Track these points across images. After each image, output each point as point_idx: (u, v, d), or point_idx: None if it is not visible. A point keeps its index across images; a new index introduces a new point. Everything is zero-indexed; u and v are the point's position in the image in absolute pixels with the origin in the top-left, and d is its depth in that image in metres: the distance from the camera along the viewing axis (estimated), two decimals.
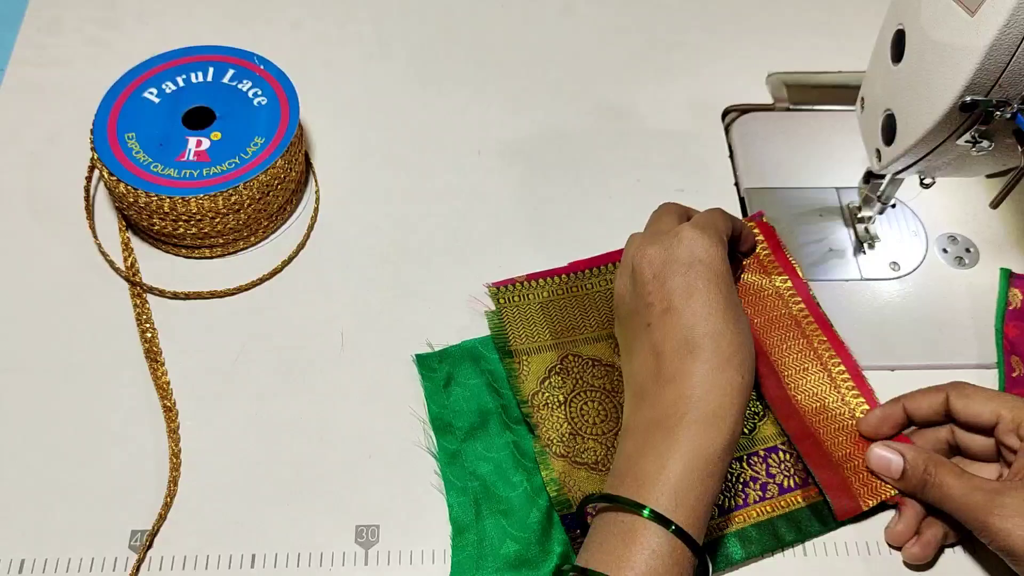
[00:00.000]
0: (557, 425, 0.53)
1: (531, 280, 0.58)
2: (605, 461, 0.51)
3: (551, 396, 0.53)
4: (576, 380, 0.54)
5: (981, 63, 0.42)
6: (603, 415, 0.53)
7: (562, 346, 0.55)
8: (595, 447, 0.52)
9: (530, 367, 0.55)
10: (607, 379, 0.54)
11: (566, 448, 0.52)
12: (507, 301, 0.57)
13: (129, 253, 0.59)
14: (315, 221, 0.61)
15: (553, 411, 0.53)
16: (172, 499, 0.50)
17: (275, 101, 0.59)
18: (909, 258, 0.60)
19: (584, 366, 0.55)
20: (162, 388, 0.53)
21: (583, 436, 0.52)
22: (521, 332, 0.56)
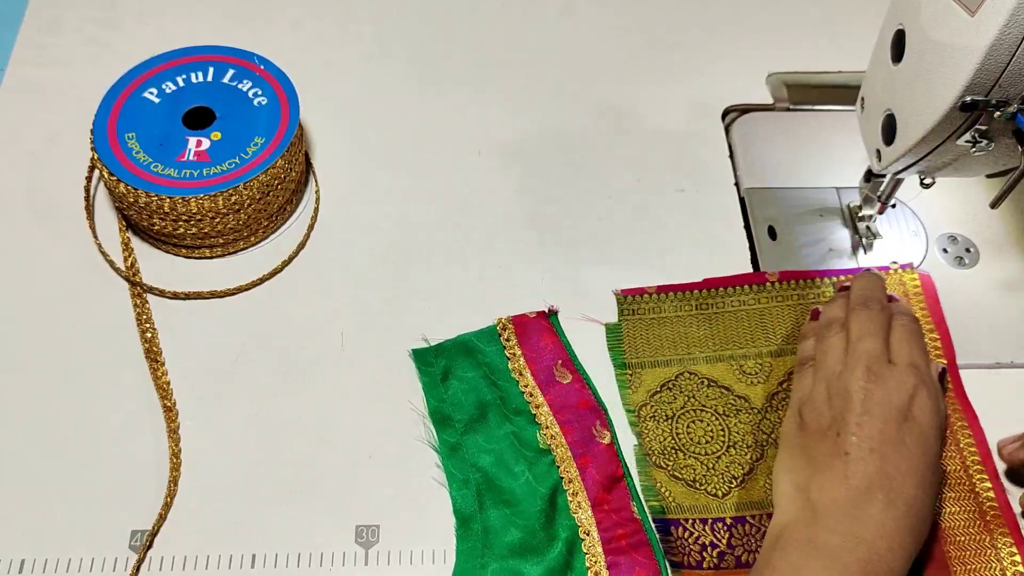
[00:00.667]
0: (661, 437, 0.53)
1: (661, 292, 0.58)
2: (703, 480, 0.51)
3: (659, 410, 0.54)
4: (688, 398, 0.54)
5: (981, 63, 0.42)
6: (709, 436, 0.52)
7: (680, 362, 0.55)
8: (695, 465, 0.52)
9: (642, 380, 0.55)
10: (720, 401, 0.54)
11: (666, 461, 0.52)
12: (632, 312, 0.57)
13: (129, 253, 0.58)
14: (315, 221, 0.61)
15: (659, 424, 0.53)
16: (172, 499, 0.50)
17: (275, 101, 0.59)
18: (909, 258, 0.60)
19: (698, 385, 0.54)
20: (162, 388, 0.53)
21: (685, 453, 0.52)
22: (640, 344, 0.56)
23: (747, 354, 0.55)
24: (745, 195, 0.63)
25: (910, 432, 0.44)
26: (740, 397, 0.54)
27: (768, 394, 0.54)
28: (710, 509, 0.50)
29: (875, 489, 0.43)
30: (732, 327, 0.56)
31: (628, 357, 0.55)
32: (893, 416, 0.45)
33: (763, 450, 0.52)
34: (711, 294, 0.57)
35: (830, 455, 0.45)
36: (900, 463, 0.44)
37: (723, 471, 0.51)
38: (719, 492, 0.51)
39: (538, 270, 0.59)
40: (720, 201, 0.63)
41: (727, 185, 0.64)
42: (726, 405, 0.53)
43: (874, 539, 0.42)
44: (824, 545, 0.42)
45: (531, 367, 0.54)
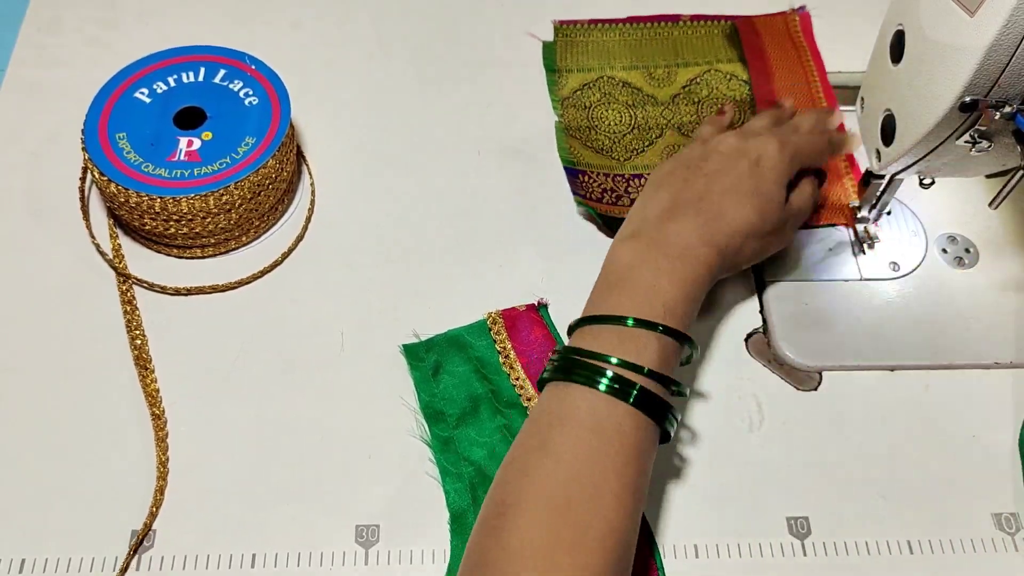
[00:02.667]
0: (578, 119, 0.65)
1: (592, 24, 0.70)
2: (609, 150, 0.63)
3: (579, 101, 0.66)
4: (604, 93, 0.66)
5: (980, 63, 0.41)
6: (618, 120, 0.64)
7: (600, 69, 0.68)
8: (604, 139, 0.64)
9: (568, 81, 0.67)
10: (630, 96, 0.66)
11: (580, 134, 0.64)
12: (565, 36, 0.70)
13: (118, 253, 0.58)
14: (310, 221, 0.61)
15: (578, 111, 0.65)
16: (158, 508, 0.49)
17: (266, 101, 0.58)
18: (909, 258, 0.60)
19: (614, 85, 0.67)
20: (151, 396, 0.52)
21: (597, 131, 0.64)
22: (570, 56, 0.68)
23: (657, 64, 0.68)
24: None
25: (750, 172, 0.51)
26: (648, 95, 0.66)
27: (671, 94, 0.67)
28: (613, 168, 0.62)
29: (698, 199, 0.50)
30: (647, 47, 0.69)
31: (558, 64, 0.68)
32: (739, 159, 0.52)
33: (662, 131, 0.64)
34: (633, 26, 0.70)
35: (672, 180, 0.52)
36: (724, 185, 0.51)
37: (627, 144, 0.64)
38: (621, 158, 0.63)
39: (537, 270, 0.59)
40: None
41: None
42: (634, 99, 0.66)
43: (687, 236, 0.48)
44: (650, 241, 0.49)
45: (522, 360, 0.54)
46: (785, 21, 0.71)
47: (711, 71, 0.68)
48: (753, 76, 0.67)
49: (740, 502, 0.51)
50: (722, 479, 0.52)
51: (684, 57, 0.69)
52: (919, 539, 0.50)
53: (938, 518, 0.50)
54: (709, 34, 0.70)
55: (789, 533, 0.50)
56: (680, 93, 0.67)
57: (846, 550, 0.49)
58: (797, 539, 0.50)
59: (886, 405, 0.54)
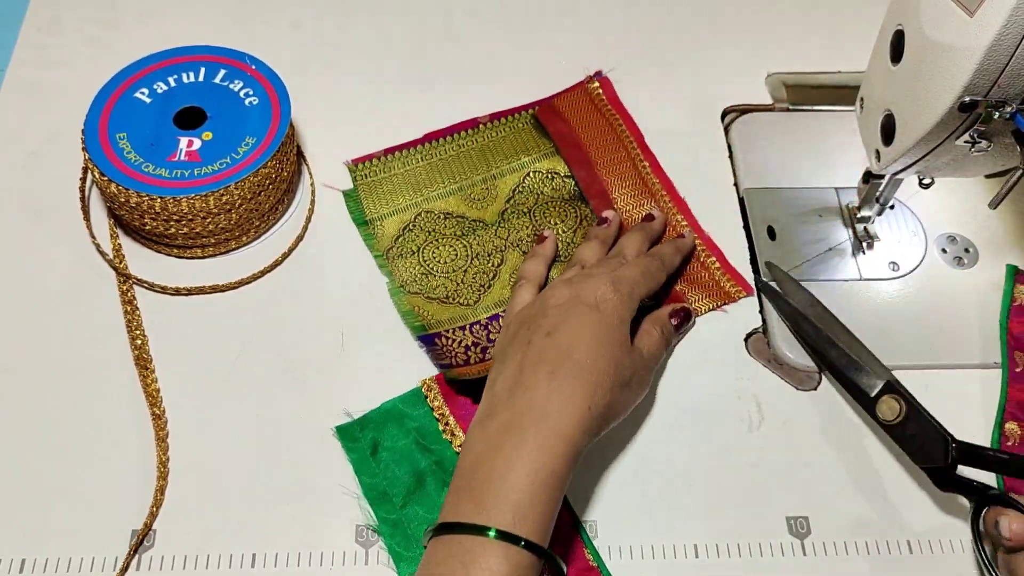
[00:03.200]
0: (410, 268, 0.58)
1: (388, 153, 0.63)
2: (455, 295, 0.56)
3: (405, 247, 0.59)
4: (428, 232, 0.59)
5: (980, 63, 0.41)
6: (453, 256, 0.58)
7: (416, 205, 0.61)
8: (445, 283, 0.57)
9: (384, 229, 0.60)
10: (458, 227, 0.60)
11: (419, 287, 0.57)
12: (364, 177, 0.62)
13: (118, 253, 0.58)
14: (310, 221, 0.61)
15: (407, 259, 0.58)
16: (158, 508, 0.49)
17: (266, 101, 0.58)
18: (908, 258, 0.60)
19: (436, 219, 0.60)
20: (151, 396, 0.52)
21: (434, 275, 0.57)
22: (378, 201, 0.61)
23: (473, 183, 0.62)
24: (744, 195, 0.63)
25: (591, 320, 0.47)
26: (474, 220, 0.60)
27: (498, 212, 0.61)
28: (466, 317, 0.55)
29: (545, 362, 0.46)
30: (455, 165, 0.62)
31: (368, 215, 0.60)
32: (576, 306, 0.48)
33: (502, 255, 0.58)
34: (433, 144, 0.63)
35: (514, 350, 0.48)
36: (574, 337, 0.46)
37: (471, 282, 0.57)
38: (470, 301, 0.56)
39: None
40: (719, 201, 0.62)
41: (726, 185, 0.63)
42: (463, 228, 0.60)
43: (541, 403, 0.44)
44: (497, 423, 0.44)
45: (462, 425, 0.52)
46: (587, 92, 0.66)
47: (529, 175, 0.62)
48: (573, 169, 0.61)
49: (740, 502, 0.51)
50: (722, 479, 0.52)
51: (496, 166, 0.62)
52: (918, 539, 0.50)
53: (937, 518, 0.50)
54: (513, 131, 0.64)
55: (789, 533, 0.50)
56: (506, 208, 0.61)
57: (846, 550, 0.49)
58: (797, 539, 0.50)
59: None
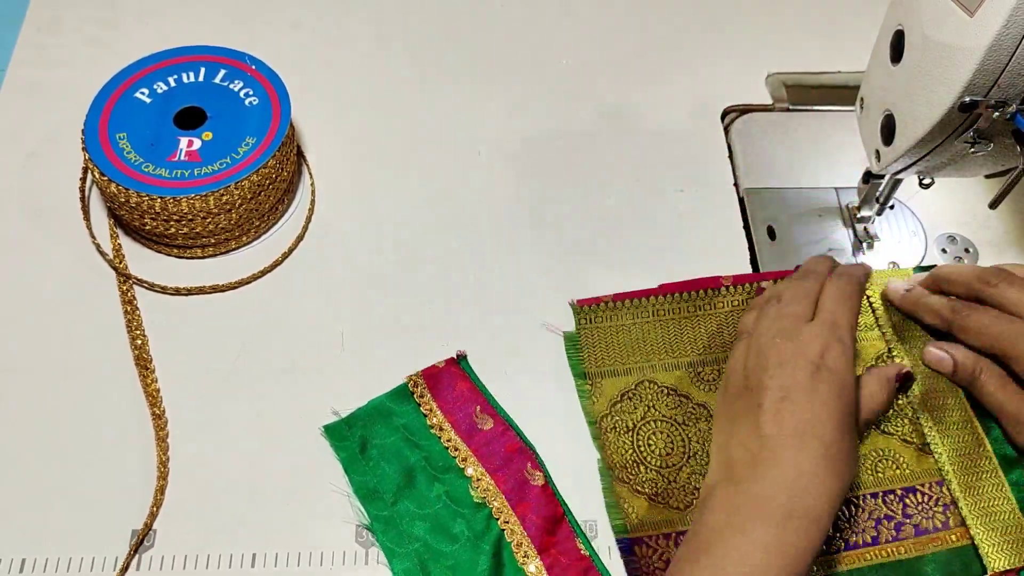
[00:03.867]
0: (622, 451, 0.51)
1: (617, 300, 0.56)
2: (664, 494, 0.50)
3: (620, 421, 0.52)
4: (648, 407, 0.53)
5: (980, 63, 0.41)
6: (669, 447, 0.51)
7: (640, 371, 0.54)
8: (656, 479, 0.50)
9: (603, 389, 0.54)
10: (679, 410, 0.53)
11: (628, 475, 0.51)
12: (588, 322, 0.56)
13: (118, 253, 0.58)
14: (310, 221, 0.60)
15: (620, 436, 0.52)
16: (158, 509, 0.49)
17: (267, 101, 0.58)
18: (908, 258, 0.60)
19: (658, 394, 0.53)
20: (151, 396, 0.52)
21: (647, 466, 0.51)
22: (599, 354, 0.55)
23: (704, 360, 0.54)
24: (744, 195, 0.63)
25: (823, 380, 0.44)
26: (699, 405, 0.53)
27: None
28: (672, 523, 0.49)
29: (787, 434, 0.43)
30: (689, 333, 0.55)
31: (587, 367, 0.54)
32: (803, 366, 0.44)
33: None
34: (668, 299, 0.56)
35: (746, 411, 0.45)
36: (813, 408, 0.43)
37: (684, 483, 0.50)
38: (680, 505, 0.50)
39: (537, 269, 0.59)
40: (719, 201, 0.62)
41: (726, 185, 0.63)
42: (685, 414, 0.52)
43: (792, 480, 0.41)
44: (744, 495, 0.42)
45: (450, 419, 0.52)
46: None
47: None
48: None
49: None
50: None
51: (732, 343, 0.53)
52: None
53: None
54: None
55: None
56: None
57: None
58: None
59: None
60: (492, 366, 0.54)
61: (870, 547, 0.48)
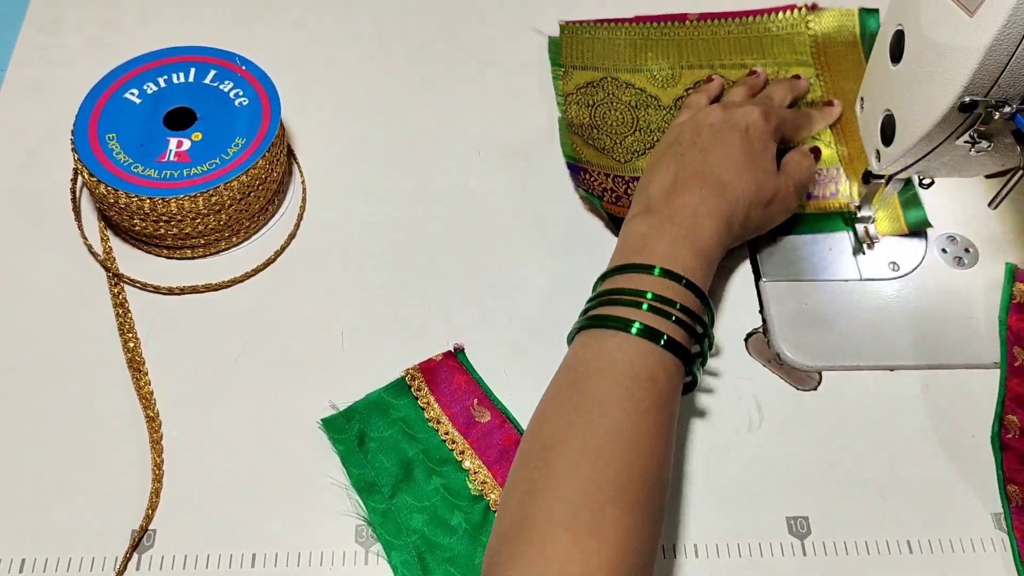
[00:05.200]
0: (581, 115, 0.64)
1: (598, 23, 0.69)
2: (612, 151, 0.62)
3: (583, 98, 0.65)
4: (608, 93, 0.65)
5: (980, 63, 0.41)
6: (620, 121, 0.64)
7: (606, 70, 0.67)
8: (606, 139, 0.63)
9: (571, 77, 0.66)
10: (634, 98, 0.65)
11: (583, 132, 0.63)
12: (571, 33, 0.68)
13: (109, 254, 0.57)
14: (301, 220, 0.60)
15: (581, 108, 0.64)
16: (153, 511, 0.49)
17: (256, 102, 0.57)
18: (908, 258, 0.59)
19: (619, 86, 0.66)
20: (145, 399, 0.52)
21: (599, 129, 0.63)
22: (576, 52, 0.68)
23: (662, 66, 0.67)
24: None
25: (741, 139, 0.54)
26: (651, 96, 0.65)
27: (674, 97, 0.65)
28: (613, 168, 0.62)
29: (695, 176, 0.52)
30: (652, 48, 0.68)
31: (563, 59, 0.67)
32: (728, 129, 0.55)
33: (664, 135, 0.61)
34: (640, 26, 0.69)
35: (669, 158, 0.54)
36: (720, 157, 0.53)
37: (628, 146, 0.63)
38: (622, 159, 0.62)
39: (537, 269, 0.58)
40: None
41: None
42: (638, 100, 0.65)
43: (694, 209, 0.50)
44: (663, 217, 0.50)
45: (447, 412, 0.52)
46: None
47: (715, 76, 0.66)
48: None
49: (740, 502, 0.51)
50: (722, 479, 0.51)
51: (688, 59, 0.68)
52: (919, 539, 0.50)
53: (937, 518, 0.50)
54: (714, 36, 0.69)
55: (789, 533, 0.50)
56: (683, 96, 0.65)
57: (846, 550, 0.49)
58: (797, 539, 0.50)
59: (886, 405, 0.54)
60: (489, 364, 0.54)
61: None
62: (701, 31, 0.69)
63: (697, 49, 0.68)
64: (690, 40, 0.69)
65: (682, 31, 0.69)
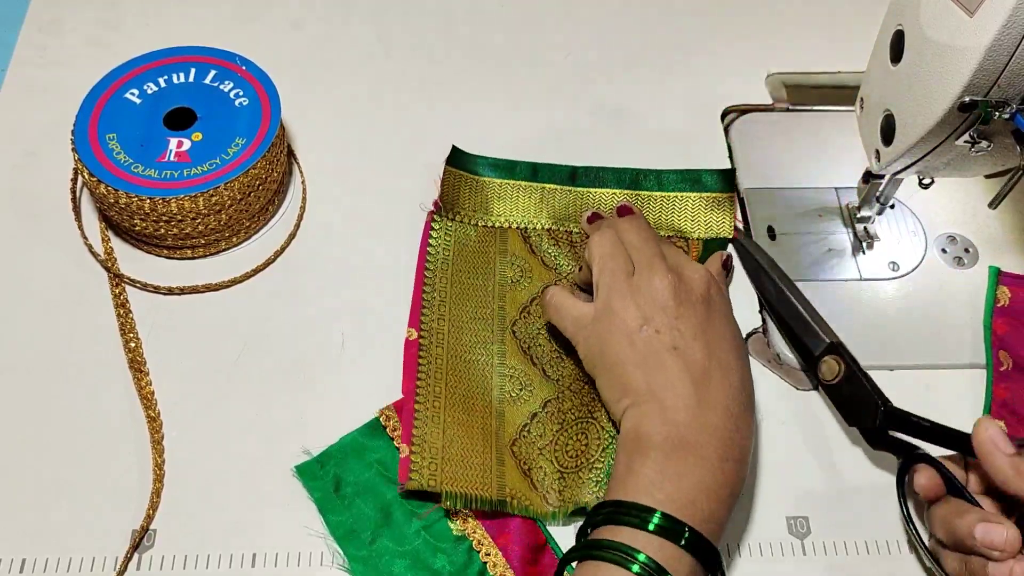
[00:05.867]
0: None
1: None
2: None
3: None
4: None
5: (980, 63, 0.41)
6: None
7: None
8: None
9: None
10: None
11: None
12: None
13: (110, 255, 0.57)
14: (301, 220, 0.60)
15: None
16: (154, 511, 0.48)
17: (256, 102, 0.57)
18: (908, 258, 0.59)
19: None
20: (146, 399, 0.52)
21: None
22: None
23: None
24: (744, 195, 0.62)
25: (714, 312, 0.47)
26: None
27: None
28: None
29: (711, 370, 0.45)
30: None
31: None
32: (700, 303, 0.47)
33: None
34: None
35: (658, 352, 0.46)
36: (717, 340, 0.46)
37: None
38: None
39: None
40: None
41: None
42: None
43: (722, 420, 0.44)
44: (682, 441, 0.43)
45: None
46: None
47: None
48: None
49: (740, 502, 0.50)
50: None
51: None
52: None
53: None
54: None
55: (789, 533, 0.50)
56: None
57: (846, 550, 0.49)
58: (797, 539, 0.50)
59: None
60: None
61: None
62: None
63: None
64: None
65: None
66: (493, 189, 0.60)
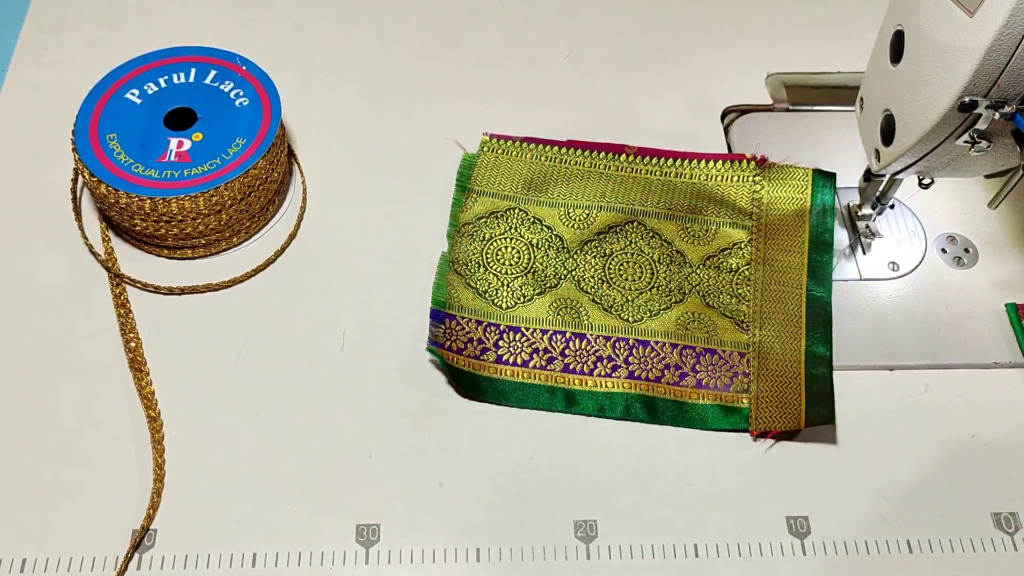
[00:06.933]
0: (470, 253, 0.58)
1: (526, 142, 0.63)
2: (493, 293, 0.56)
3: (479, 231, 0.58)
4: (510, 227, 0.59)
5: (980, 64, 0.41)
6: (514, 259, 0.57)
7: (516, 200, 0.60)
8: (491, 279, 0.57)
9: (473, 205, 0.60)
10: (537, 235, 0.59)
11: (466, 271, 0.57)
12: (491, 151, 0.62)
13: (110, 255, 0.57)
14: (302, 220, 0.60)
15: (473, 242, 0.58)
16: (155, 511, 0.49)
17: (257, 102, 0.57)
18: (908, 258, 0.59)
19: (524, 220, 0.59)
20: (146, 399, 0.52)
21: (486, 268, 0.57)
22: (487, 176, 0.61)
23: (578, 204, 0.60)
24: None
25: None
26: (557, 236, 0.59)
27: (582, 240, 0.59)
28: (489, 315, 0.56)
29: None
30: (578, 180, 0.61)
31: (472, 184, 0.61)
32: None
33: (559, 281, 0.57)
34: (569, 152, 0.62)
35: None
36: None
37: (514, 289, 0.57)
38: (503, 304, 0.56)
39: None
40: None
41: None
42: (540, 239, 0.59)
43: None
44: None
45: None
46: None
47: (634, 224, 0.59)
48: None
49: (740, 502, 0.51)
50: (722, 479, 0.51)
51: (611, 198, 0.60)
52: (919, 539, 0.50)
53: (938, 518, 0.50)
54: (647, 177, 0.62)
55: (789, 533, 0.50)
56: (592, 240, 0.59)
57: (846, 550, 0.49)
58: (797, 539, 0.50)
59: (886, 405, 0.54)
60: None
61: (649, 383, 0.54)
62: (636, 167, 0.62)
63: (626, 187, 0.61)
64: (620, 176, 0.62)
65: (615, 164, 0.62)
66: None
